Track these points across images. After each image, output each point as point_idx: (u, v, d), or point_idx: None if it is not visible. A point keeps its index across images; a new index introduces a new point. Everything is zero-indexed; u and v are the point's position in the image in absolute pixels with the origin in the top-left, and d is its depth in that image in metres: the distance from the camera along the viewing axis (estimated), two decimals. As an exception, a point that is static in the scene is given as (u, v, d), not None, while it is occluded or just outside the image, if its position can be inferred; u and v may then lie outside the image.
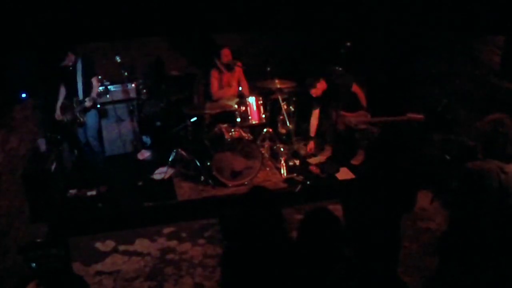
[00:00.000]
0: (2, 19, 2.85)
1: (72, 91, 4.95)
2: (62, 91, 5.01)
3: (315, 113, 5.59)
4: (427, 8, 3.72)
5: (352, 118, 5.33)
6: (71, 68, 4.89)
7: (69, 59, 4.86)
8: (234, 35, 6.28)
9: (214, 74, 5.63)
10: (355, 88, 5.31)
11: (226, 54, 5.51)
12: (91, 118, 5.08)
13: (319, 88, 5.26)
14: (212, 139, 5.20)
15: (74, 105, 4.93)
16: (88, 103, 4.90)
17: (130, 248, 4.31)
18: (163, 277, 3.91)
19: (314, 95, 5.33)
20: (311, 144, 5.64)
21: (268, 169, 5.44)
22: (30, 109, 4.91)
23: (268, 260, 1.97)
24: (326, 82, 5.27)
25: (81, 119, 4.97)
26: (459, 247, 2.68)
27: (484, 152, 2.63)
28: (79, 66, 4.90)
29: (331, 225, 2.04)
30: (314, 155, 5.69)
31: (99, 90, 5.02)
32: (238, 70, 5.71)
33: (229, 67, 5.59)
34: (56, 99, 5.02)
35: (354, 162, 5.60)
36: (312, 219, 2.09)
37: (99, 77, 5.18)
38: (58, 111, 4.99)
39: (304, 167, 5.48)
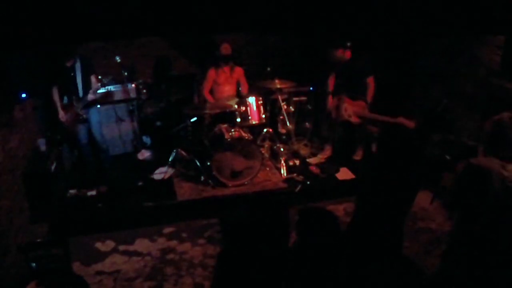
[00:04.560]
0: (2, 19, 2.85)
1: (70, 91, 4.94)
2: (56, 93, 4.95)
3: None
4: (427, 8, 3.72)
5: (350, 106, 5.24)
6: (70, 68, 4.90)
7: (71, 60, 4.89)
8: (234, 35, 6.28)
9: (210, 73, 5.56)
10: (370, 80, 5.26)
11: (225, 47, 5.46)
12: (94, 116, 5.12)
13: (347, 52, 5.18)
14: (212, 139, 5.20)
15: (74, 103, 4.93)
16: (90, 96, 4.92)
17: (130, 248, 4.31)
18: (163, 277, 3.91)
19: (339, 56, 5.21)
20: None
21: (268, 169, 5.43)
22: (30, 109, 4.92)
23: (266, 261, 1.96)
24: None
25: (84, 116, 4.99)
26: (462, 246, 2.68)
27: (486, 152, 2.62)
28: (77, 65, 4.92)
29: (327, 225, 2.03)
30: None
31: (101, 91, 5.06)
32: (238, 71, 5.69)
33: (227, 60, 5.50)
34: (53, 101, 4.97)
35: (356, 157, 5.61)
36: (308, 220, 2.09)
37: (99, 77, 5.18)
38: (61, 112, 4.95)
39: (304, 167, 5.49)
